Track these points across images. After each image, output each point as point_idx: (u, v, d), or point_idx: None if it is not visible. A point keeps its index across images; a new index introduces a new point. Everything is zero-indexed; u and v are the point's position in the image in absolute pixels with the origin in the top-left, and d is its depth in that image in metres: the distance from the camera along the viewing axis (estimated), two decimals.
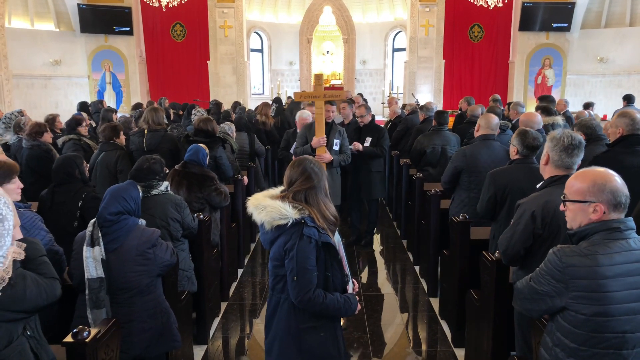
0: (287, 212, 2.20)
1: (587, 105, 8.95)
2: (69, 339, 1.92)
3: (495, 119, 4.43)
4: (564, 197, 2.07)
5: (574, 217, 2.03)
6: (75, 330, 1.94)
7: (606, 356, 1.88)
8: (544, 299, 2.00)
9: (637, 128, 3.47)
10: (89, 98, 13.75)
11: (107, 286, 2.40)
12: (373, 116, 7.05)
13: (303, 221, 2.20)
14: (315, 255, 2.21)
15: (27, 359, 1.76)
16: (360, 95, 11.19)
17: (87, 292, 2.38)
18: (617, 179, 1.97)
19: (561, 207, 2.10)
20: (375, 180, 6.02)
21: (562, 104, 8.71)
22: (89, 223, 2.49)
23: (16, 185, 2.77)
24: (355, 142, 5.85)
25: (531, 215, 2.60)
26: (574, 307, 1.90)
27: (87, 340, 1.91)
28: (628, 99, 8.96)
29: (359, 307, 2.38)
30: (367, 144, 5.86)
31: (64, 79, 14.26)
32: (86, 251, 2.39)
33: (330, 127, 5.34)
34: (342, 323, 2.74)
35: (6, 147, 5.22)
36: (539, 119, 4.44)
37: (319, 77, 5.28)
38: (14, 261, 1.69)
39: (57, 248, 2.69)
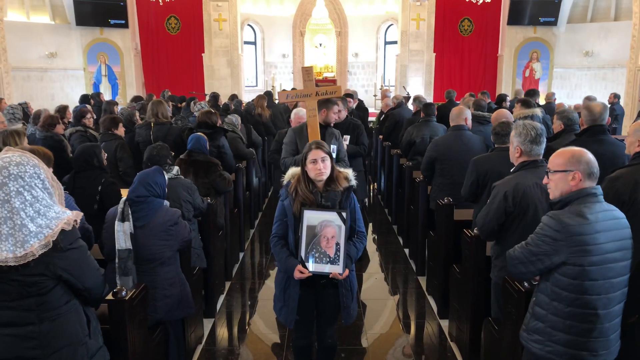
0: (286, 176, 2.94)
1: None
2: (110, 297, 2.27)
3: (465, 111, 4.82)
4: (548, 171, 2.45)
5: (556, 186, 2.40)
6: (114, 290, 2.29)
7: (599, 300, 2.25)
8: (542, 259, 2.34)
9: (597, 119, 3.87)
10: (85, 90, 13.95)
11: (134, 257, 2.75)
12: (361, 105, 7.17)
13: (285, 184, 2.92)
14: (281, 210, 2.88)
15: (81, 317, 2.09)
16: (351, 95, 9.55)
17: (117, 261, 2.73)
18: (590, 154, 2.38)
19: (544, 180, 2.47)
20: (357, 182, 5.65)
21: (550, 96, 9.33)
22: (120, 201, 2.84)
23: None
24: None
25: (504, 195, 2.98)
26: (572, 260, 2.26)
27: (126, 298, 2.27)
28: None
29: (298, 274, 2.76)
30: (345, 142, 5.15)
31: (60, 71, 14.43)
32: (117, 225, 2.75)
33: (324, 130, 4.56)
34: None
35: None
36: (507, 114, 4.81)
37: (308, 70, 4.45)
38: (73, 231, 2.01)
39: (88, 226, 3.00)
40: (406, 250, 5.99)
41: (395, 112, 8.16)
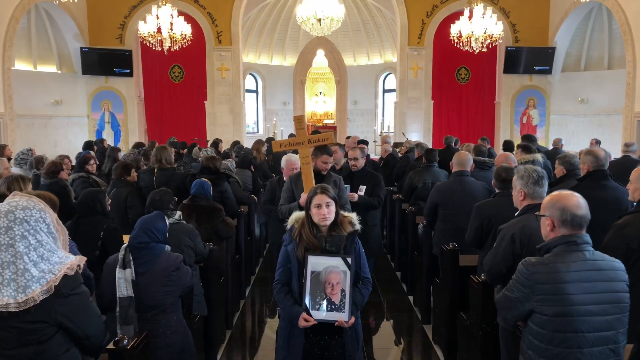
0: (290, 221, 2.93)
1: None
2: (111, 346, 2.20)
3: (466, 157, 4.87)
4: (537, 214, 2.47)
5: (542, 230, 2.42)
6: (116, 339, 2.22)
7: (570, 354, 2.18)
8: (516, 305, 2.33)
9: (601, 164, 3.89)
10: (88, 137, 14.12)
11: (135, 304, 2.69)
12: (368, 156, 7.33)
13: (288, 228, 2.91)
14: (284, 256, 2.85)
15: None
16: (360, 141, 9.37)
17: (117, 309, 2.67)
18: (571, 200, 2.32)
19: None
20: (371, 236, 5.09)
21: (557, 142, 9.78)
22: (121, 247, 2.80)
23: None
24: (350, 192, 4.96)
25: (511, 237, 2.96)
26: (539, 309, 2.23)
27: (127, 348, 2.20)
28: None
29: (303, 323, 2.69)
30: (361, 192, 5.05)
31: (64, 118, 14.61)
32: (118, 272, 2.70)
33: (322, 177, 4.44)
34: None
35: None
36: (511, 157, 4.89)
37: (300, 119, 4.41)
38: (76, 276, 1.98)
39: (89, 273, 2.96)
40: (410, 298, 5.88)
41: (409, 155, 8.38)
